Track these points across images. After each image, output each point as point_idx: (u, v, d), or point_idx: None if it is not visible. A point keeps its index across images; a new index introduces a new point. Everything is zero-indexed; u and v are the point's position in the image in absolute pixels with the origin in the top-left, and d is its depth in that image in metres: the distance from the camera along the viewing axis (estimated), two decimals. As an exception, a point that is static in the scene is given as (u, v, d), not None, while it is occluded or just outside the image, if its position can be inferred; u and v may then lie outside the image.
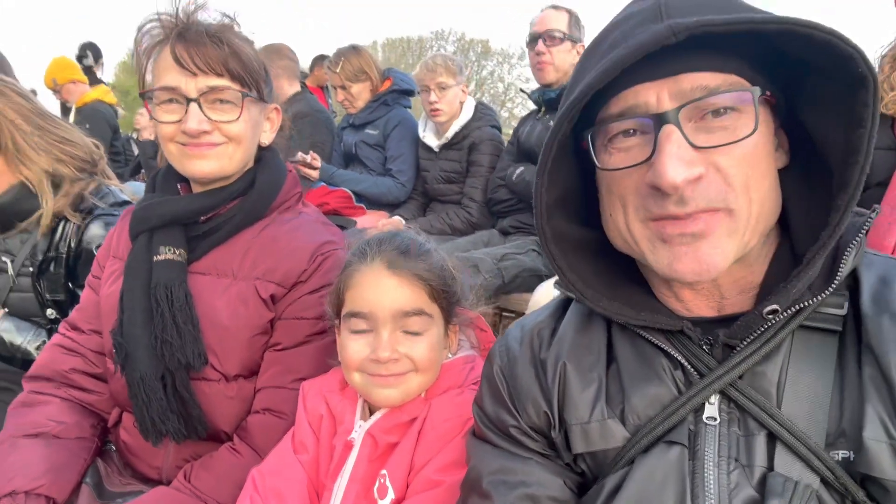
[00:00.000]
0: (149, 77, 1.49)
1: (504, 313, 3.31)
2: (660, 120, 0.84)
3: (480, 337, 1.51)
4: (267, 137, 1.63)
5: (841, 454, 0.84)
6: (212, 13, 1.54)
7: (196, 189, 1.57)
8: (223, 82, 1.45)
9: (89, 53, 6.38)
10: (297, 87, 4.44)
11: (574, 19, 3.24)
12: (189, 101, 1.42)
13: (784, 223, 0.96)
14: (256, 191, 1.56)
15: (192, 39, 1.42)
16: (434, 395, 1.34)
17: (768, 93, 0.87)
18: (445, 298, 1.36)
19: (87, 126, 5.47)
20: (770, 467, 0.86)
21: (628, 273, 1.03)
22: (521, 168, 3.28)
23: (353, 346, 1.32)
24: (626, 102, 0.87)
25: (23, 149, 1.89)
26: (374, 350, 1.29)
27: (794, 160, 0.95)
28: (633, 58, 0.80)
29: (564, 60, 3.20)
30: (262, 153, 1.62)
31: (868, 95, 0.82)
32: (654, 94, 0.85)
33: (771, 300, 0.87)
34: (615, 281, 1.02)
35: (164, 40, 1.45)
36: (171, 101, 1.45)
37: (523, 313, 2.91)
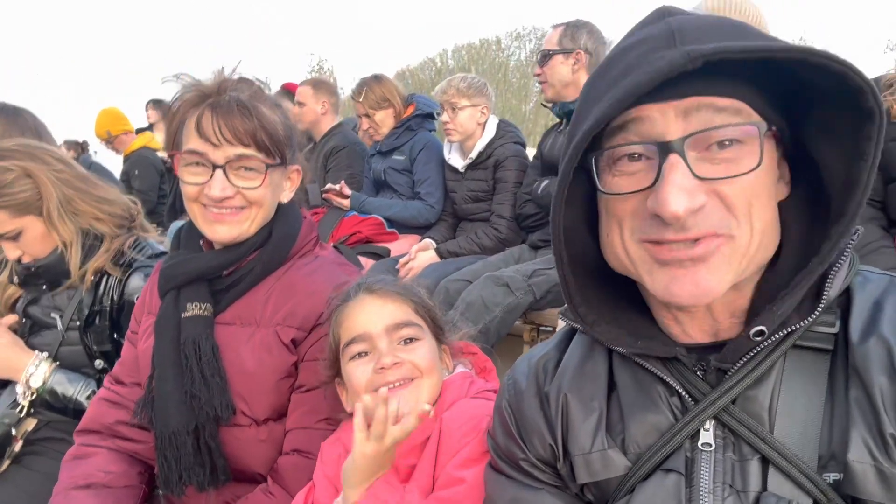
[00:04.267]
0: (179, 137, 1.57)
1: (541, 328, 3.32)
2: (665, 149, 0.85)
3: (474, 360, 1.59)
4: (286, 196, 1.68)
5: (832, 476, 0.84)
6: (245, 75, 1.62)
7: (217, 245, 1.65)
8: (249, 152, 1.52)
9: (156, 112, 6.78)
10: (335, 121, 4.60)
11: (568, 30, 3.30)
12: (215, 167, 1.50)
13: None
14: (273, 242, 1.63)
15: (223, 110, 1.49)
16: (443, 411, 1.38)
17: (774, 128, 0.88)
18: (429, 315, 1.47)
19: (136, 172, 5.78)
20: (764, 491, 0.87)
21: (631, 297, 1.04)
22: (547, 182, 3.30)
23: (357, 371, 1.39)
24: (629, 114, 0.88)
25: (59, 213, 2.03)
26: (376, 363, 1.36)
27: (793, 190, 0.96)
28: (648, 86, 0.81)
29: (558, 74, 3.32)
30: (279, 205, 1.69)
31: (874, 130, 0.83)
32: (660, 113, 0.86)
33: (757, 322, 0.88)
34: (619, 306, 1.03)
35: (197, 105, 1.52)
36: (197, 164, 1.52)
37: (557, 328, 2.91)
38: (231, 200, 1.53)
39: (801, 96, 0.89)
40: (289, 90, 4.99)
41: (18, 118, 2.75)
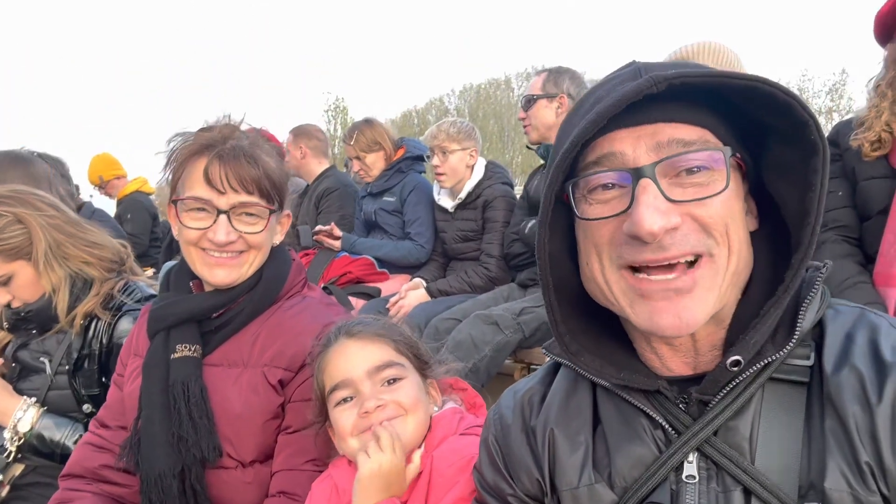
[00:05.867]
0: (180, 183, 1.60)
1: (531, 366, 3.33)
2: (637, 174, 0.89)
3: (463, 396, 1.61)
4: (277, 238, 1.74)
5: None
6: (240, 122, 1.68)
7: (207, 287, 1.68)
8: (253, 199, 1.58)
9: None
10: (325, 165, 4.71)
11: (551, 76, 3.42)
12: (220, 212, 1.54)
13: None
14: (263, 284, 1.67)
15: (228, 158, 1.54)
16: (433, 448, 1.40)
17: (738, 155, 0.93)
18: (411, 352, 1.49)
19: (129, 216, 5.81)
20: None
21: (613, 330, 1.07)
22: (533, 221, 3.35)
23: (343, 417, 1.41)
24: (603, 149, 0.93)
25: (48, 258, 2.05)
26: (360, 407, 1.39)
27: (761, 225, 1.00)
28: (618, 107, 0.86)
29: (542, 118, 3.41)
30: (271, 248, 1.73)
31: (818, 161, 0.88)
32: (631, 144, 0.91)
33: (733, 352, 0.91)
34: (601, 338, 1.06)
35: (199, 152, 1.57)
36: (200, 209, 1.56)
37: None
38: (233, 245, 1.58)
39: (757, 135, 0.95)
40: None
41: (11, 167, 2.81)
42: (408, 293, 3.59)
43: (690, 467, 0.94)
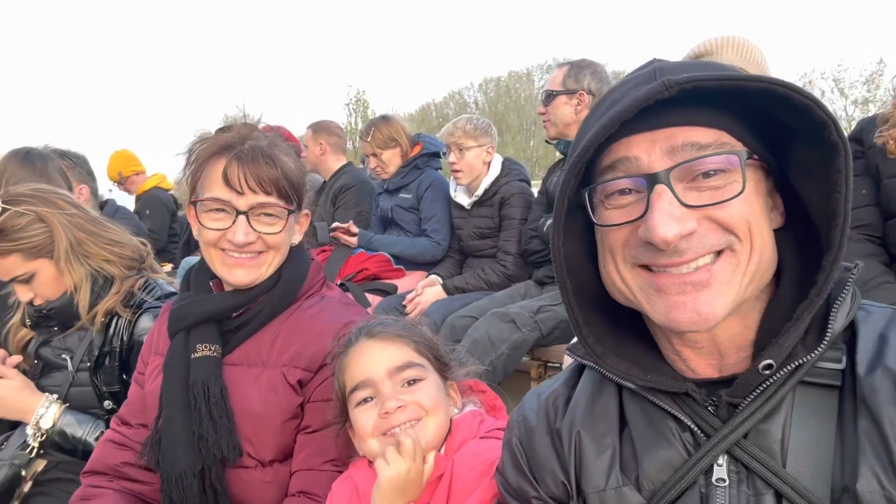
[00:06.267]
0: (200, 184, 1.61)
1: (549, 364, 3.31)
2: (652, 180, 0.89)
3: (483, 398, 1.60)
4: (296, 238, 1.74)
5: None
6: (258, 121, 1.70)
7: (227, 287, 1.68)
8: (271, 199, 1.58)
9: None
10: (343, 161, 4.73)
11: (572, 71, 3.36)
12: (238, 213, 1.55)
13: (775, 281, 0.98)
14: (282, 285, 1.67)
15: (247, 159, 1.55)
16: (453, 451, 1.40)
17: (756, 156, 0.92)
18: (431, 353, 1.49)
19: (148, 212, 5.87)
20: None
21: (636, 332, 1.06)
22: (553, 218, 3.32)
23: (363, 417, 1.41)
24: (618, 153, 0.92)
25: (69, 257, 2.07)
26: (381, 408, 1.38)
27: (788, 222, 0.99)
28: (629, 112, 0.86)
29: (561, 114, 3.36)
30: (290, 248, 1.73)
31: (840, 161, 0.87)
32: (646, 149, 0.90)
33: (765, 355, 0.90)
34: (625, 340, 1.05)
35: (218, 153, 1.58)
36: (219, 210, 1.57)
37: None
38: (252, 245, 1.58)
39: (780, 134, 0.93)
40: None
41: (26, 165, 2.85)
42: (424, 290, 3.59)
43: (720, 470, 0.93)
